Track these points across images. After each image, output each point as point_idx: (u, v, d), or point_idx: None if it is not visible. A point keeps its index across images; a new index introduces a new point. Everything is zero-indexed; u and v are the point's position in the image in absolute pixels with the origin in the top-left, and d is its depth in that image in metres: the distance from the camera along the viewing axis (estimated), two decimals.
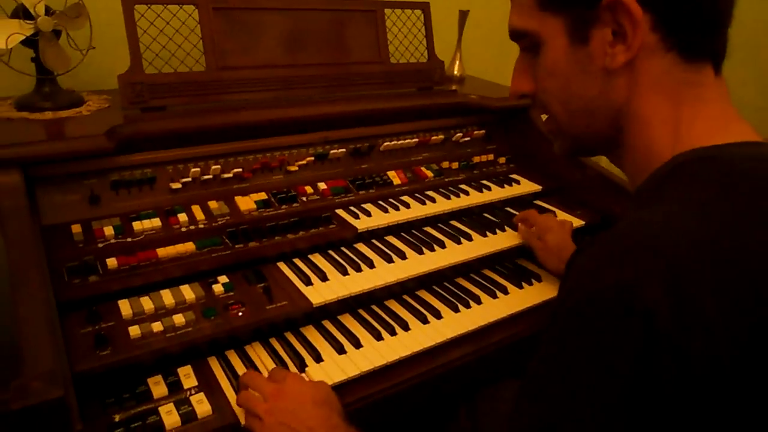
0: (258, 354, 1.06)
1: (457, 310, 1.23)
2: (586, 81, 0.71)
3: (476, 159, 1.66)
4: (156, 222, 1.17)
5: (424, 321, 1.18)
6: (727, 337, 0.51)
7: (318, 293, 1.12)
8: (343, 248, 1.29)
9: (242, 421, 0.90)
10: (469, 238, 1.39)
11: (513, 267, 1.42)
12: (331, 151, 1.44)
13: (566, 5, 0.68)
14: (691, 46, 0.66)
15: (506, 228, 1.45)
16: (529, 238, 1.38)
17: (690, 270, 0.53)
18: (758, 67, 2.36)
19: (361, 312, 1.20)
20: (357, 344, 1.10)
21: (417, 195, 1.48)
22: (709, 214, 0.57)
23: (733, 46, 0.69)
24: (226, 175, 1.30)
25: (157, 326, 0.97)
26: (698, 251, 0.54)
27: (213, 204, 1.25)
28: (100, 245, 1.10)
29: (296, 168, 1.39)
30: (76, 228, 1.10)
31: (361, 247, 1.31)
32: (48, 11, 1.22)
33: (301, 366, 1.03)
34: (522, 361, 0.66)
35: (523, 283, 1.34)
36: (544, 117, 0.83)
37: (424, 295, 1.28)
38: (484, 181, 1.60)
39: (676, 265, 0.53)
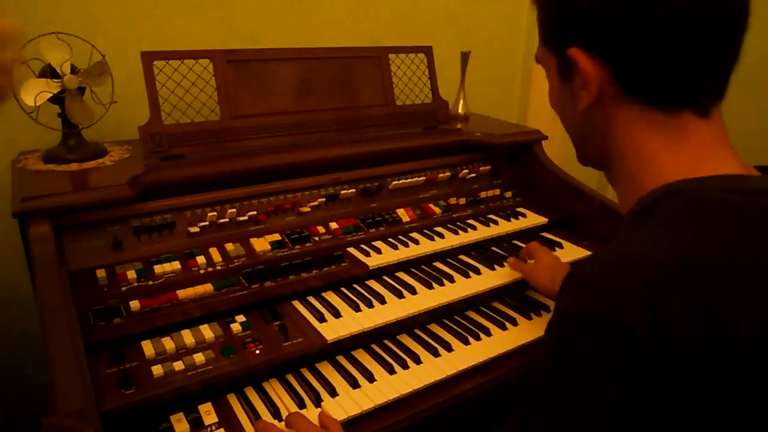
0: (275, 390, 1.10)
1: (467, 343, 1.26)
2: (572, 113, 0.79)
3: (483, 194, 1.71)
4: (176, 265, 1.22)
5: (436, 354, 1.22)
6: (701, 348, 0.55)
7: (332, 329, 1.16)
8: (355, 285, 1.33)
9: None
10: (478, 272, 1.42)
11: (521, 299, 1.46)
12: (342, 192, 1.49)
13: (552, 47, 0.76)
14: (656, 98, 0.70)
15: None
16: (516, 265, 1.41)
17: (666, 288, 0.57)
18: (756, 97, 2.40)
19: (374, 347, 1.24)
20: (371, 378, 1.13)
21: (426, 231, 1.52)
22: (686, 239, 0.62)
23: (733, 75, 0.72)
24: (241, 218, 1.36)
25: (178, 365, 1.01)
26: (673, 271, 0.58)
27: (230, 246, 1.31)
28: (124, 288, 1.15)
29: (308, 209, 1.45)
30: (101, 273, 1.16)
31: (373, 283, 1.35)
32: (73, 70, 1.30)
33: (317, 401, 1.07)
34: None
35: (532, 314, 1.37)
36: None
37: (435, 328, 1.32)
38: (491, 216, 1.64)
39: (654, 284, 0.58)
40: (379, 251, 1.40)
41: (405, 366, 1.17)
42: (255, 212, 1.37)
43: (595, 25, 0.68)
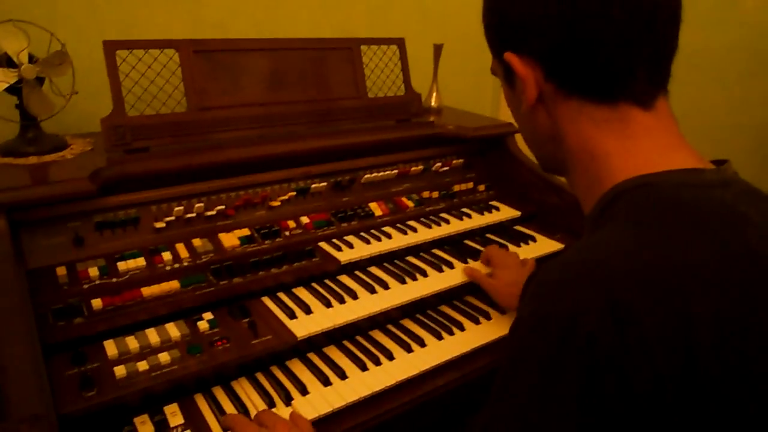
0: (244, 389, 1.07)
1: (440, 338, 1.25)
2: (522, 117, 0.81)
3: (456, 188, 1.70)
4: (140, 261, 1.18)
5: (409, 350, 1.20)
6: (665, 356, 0.54)
7: (302, 326, 1.13)
8: (326, 281, 1.31)
9: None
10: (451, 266, 1.41)
11: None
12: (313, 186, 1.47)
13: (496, 55, 0.78)
14: (591, 91, 0.70)
15: None
16: (475, 276, 1.36)
17: (627, 294, 0.56)
18: (725, 90, 2.43)
19: (346, 343, 1.22)
20: (342, 375, 1.11)
21: (398, 225, 1.51)
22: (645, 239, 0.60)
23: (700, 70, 0.71)
24: (209, 213, 1.32)
25: (142, 365, 0.98)
26: (635, 275, 0.57)
27: (197, 242, 1.27)
28: (85, 286, 1.11)
29: (279, 203, 1.42)
30: (61, 270, 1.12)
31: (344, 278, 1.33)
32: (31, 59, 1.25)
33: (287, 400, 1.04)
34: None
35: (506, 309, 1.36)
36: None
37: (407, 323, 1.30)
38: (465, 209, 1.63)
39: (615, 289, 0.56)
40: (350, 246, 1.38)
41: (377, 362, 1.15)
42: (223, 207, 1.33)
43: (519, 28, 0.71)
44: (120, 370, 0.96)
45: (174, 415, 0.98)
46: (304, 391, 1.06)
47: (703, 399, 0.55)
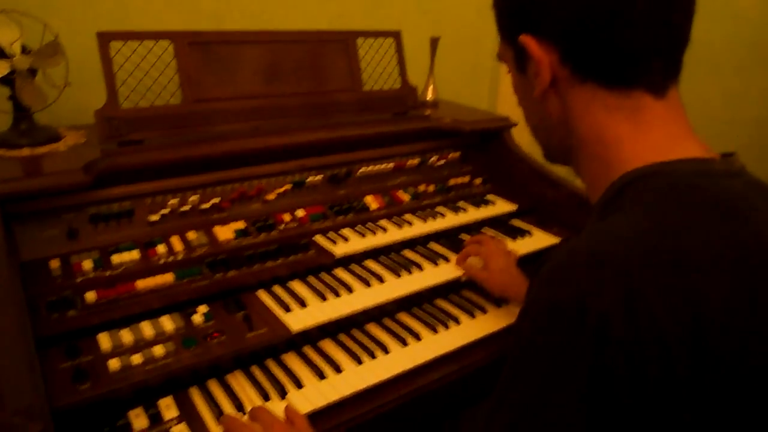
0: (239, 382, 1.07)
1: (436, 331, 1.25)
2: (532, 104, 0.80)
3: (452, 181, 1.69)
4: (135, 254, 1.18)
5: (404, 343, 1.20)
6: (675, 338, 0.54)
7: (297, 320, 1.13)
8: (321, 274, 1.30)
9: None
10: (447, 260, 1.41)
11: None
12: (308, 179, 1.46)
13: (507, 40, 0.77)
14: (606, 76, 0.70)
15: None
16: (471, 271, 1.35)
17: (639, 277, 0.56)
18: (722, 83, 2.43)
19: (341, 337, 1.21)
20: (337, 369, 1.11)
21: (394, 219, 1.50)
22: (655, 224, 0.61)
23: (697, 64, 0.71)
24: (204, 206, 1.31)
25: (136, 358, 0.97)
26: (646, 259, 0.57)
27: (191, 234, 1.26)
28: (79, 279, 1.10)
29: (274, 196, 1.41)
30: (55, 263, 1.11)
31: (340, 272, 1.32)
32: (24, 50, 1.24)
33: (282, 393, 1.04)
34: None
35: (501, 302, 1.36)
36: None
37: (403, 317, 1.30)
38: (461, 203, 1.63)
39: (627, 272, 0.56)
40: (346, 239, 1.37)
41: (372, 356, 1.15)
42: (218, 199, 1.33)
43: (538, 9, 0.71)
44: (114, 363, 0.96)
45: (168, 408, 0.98)
46: (299, 384, 1.06)
47: (713, 380, 0.55)
